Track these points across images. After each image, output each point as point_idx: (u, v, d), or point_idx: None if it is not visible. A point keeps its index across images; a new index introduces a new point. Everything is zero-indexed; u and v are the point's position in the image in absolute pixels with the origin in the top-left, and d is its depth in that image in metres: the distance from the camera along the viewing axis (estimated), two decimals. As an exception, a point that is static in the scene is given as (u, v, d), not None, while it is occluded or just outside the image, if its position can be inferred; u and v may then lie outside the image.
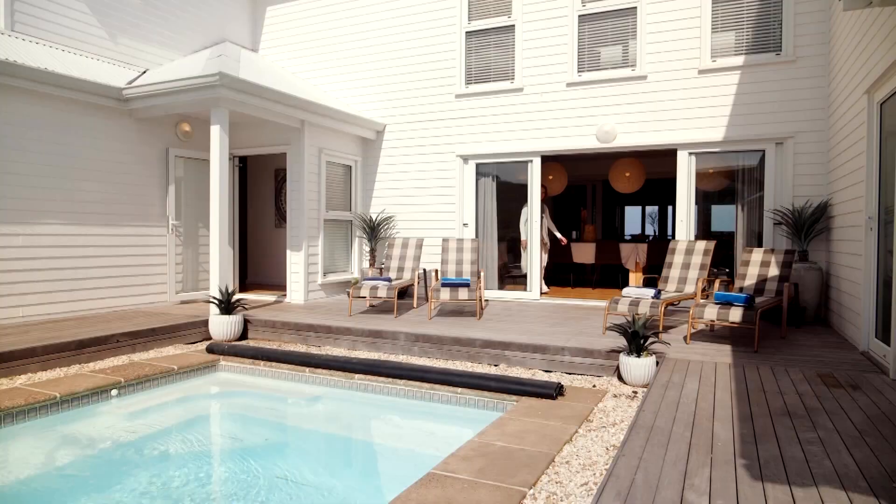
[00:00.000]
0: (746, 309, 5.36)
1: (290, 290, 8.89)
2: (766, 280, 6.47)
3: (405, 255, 8.84)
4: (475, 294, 7.16)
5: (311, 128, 8.80)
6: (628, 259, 9.96)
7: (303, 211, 8.74)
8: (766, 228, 7.57)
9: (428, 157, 9.53)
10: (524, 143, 8.86)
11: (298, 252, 8.78)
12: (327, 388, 5.49)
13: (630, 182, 10.26)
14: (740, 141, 7.65)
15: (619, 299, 6.14)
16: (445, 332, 6.25)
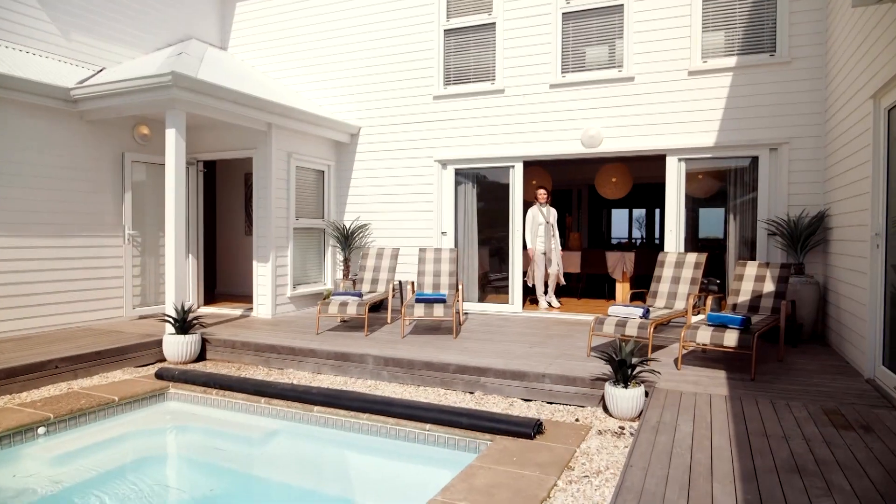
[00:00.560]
0: (742, 332, 4.92)
1: (257, 304, 8.36)
2: (762, 296, 6.05)
3: (380, 265, 8.34)
4: (451, 311, 6.68)
5: (278, 131, 8.27)
6: (615, 269, 9.53)
7: (270, 219, 8.21)
8: (760, 239, 7.16)
9: (405, 162, 9.03)
10: (505, 147, 8.38)
11: (265, 263, 8.25)
12: (284, 423, 4.97)
13: (617, 188, 9.83)
14: (732, 146, 7.23)
15: (604, 319, 5.68)
16: (417, 356, 5.76)
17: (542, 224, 8.53)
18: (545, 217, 8.56)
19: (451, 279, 8.03)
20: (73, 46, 7.95)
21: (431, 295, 6.91)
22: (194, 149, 8.74)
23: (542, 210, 8.57)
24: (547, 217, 8.58)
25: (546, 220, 8.56)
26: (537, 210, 8.59)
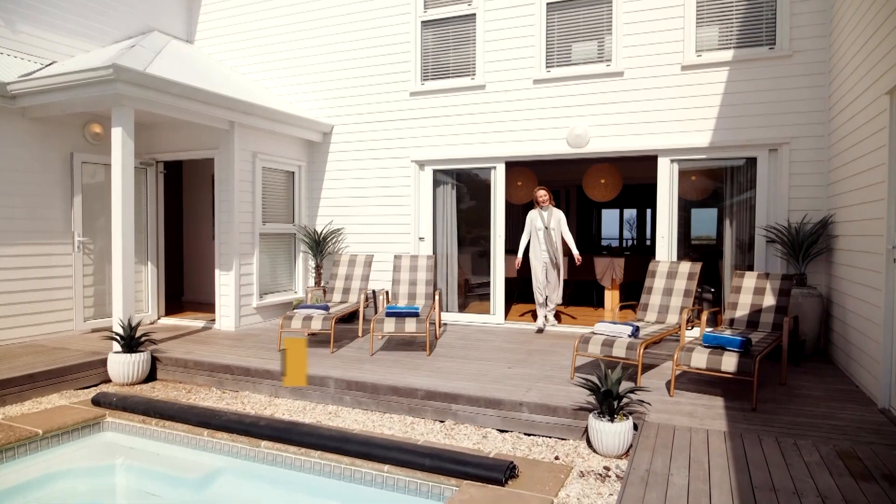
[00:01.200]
0: (742, 356, 4.40)
1: (220, 316, 7.77)
2: (761, 311, 5.53)
3: (352, 274, 7.77)
4: (424, 325, 6.13)
5: (242, 129, 7.68)
6: (604, 275, 9.01)
7: (233, 224, 7.62)
8: (758, 246, 6.65)
9: (380, 163, 8.46)
10: (486, 147, 7.83)
11: (228, 272, 7.66)
12: (229, 459, 4.41)
13: (606, 189, 9.31)
14: (728, 147, 6.71)
15: (589, 338, 5.15)
16: (383, 378, 5.21)
17: (540, 230, 7.35)
18: (544, 222, 7.36)
19: (427, 288, 7.48)
20: (20, 38, 7.33)
21: (403, 308, 6.36)
22: (153, 149, 8.14)
23: (543, 214, 7.38)
24: (546, 222, 7.36)
25: (545, 224, 7.37)
26: (537, 214, 7.44)
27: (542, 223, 7.37)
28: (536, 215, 7.44)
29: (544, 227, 7.34)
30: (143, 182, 8.06)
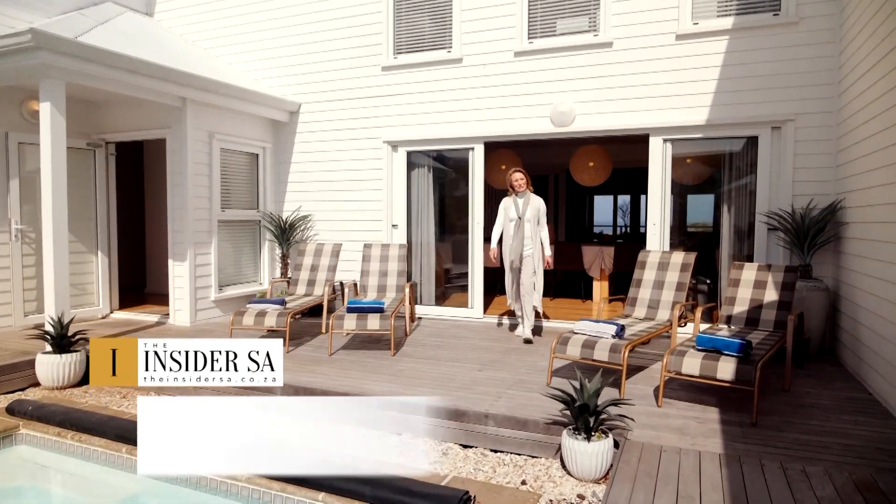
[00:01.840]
0: (741, 361, 3.81)
1: (174, 310, 7.16)
2: (762, 307, 4.94)
3: (318, 264, 7.17)
4: (389, 322, 5.52)
5: (196, 107, 7.02)
6: (592, 265, 8.41)
7: (187, 210, 6.99)
8: (759, 235, 6.05)
9: (350, 144, 7.82)
10: (464, 126, 7.19)
11: (182, 262, 7.04)
12: (148, 483, 3.81)
13: (594, 173, 8.68)
14: (727, 125, 6.09)
15: (568, 338, 4.55)
16: (336, 384, 4.63)
17: (512, 221, 6.04)
18: (518, 211, 6.03)
19: (399, 280, 6.89)
20: (-49, 6, 6.64)
21: (367, 303, 5.76)
22: (102, 128, 7.48)
23: (518, 201, 6.10)
24: (521, 211, 6.02)
25: (519, 214, 6.04)
26: (510, 202, 6.14)
27: (516, 212, 6.04)
28: (510, 203, 6.12)
29: (517, 218, 6.00)
30: (90, 164, 7.41)
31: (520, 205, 6.06)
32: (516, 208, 6.06)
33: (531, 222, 5.99)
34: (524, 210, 6.02)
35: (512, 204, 6.11)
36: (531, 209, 6.02)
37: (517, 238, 5.99)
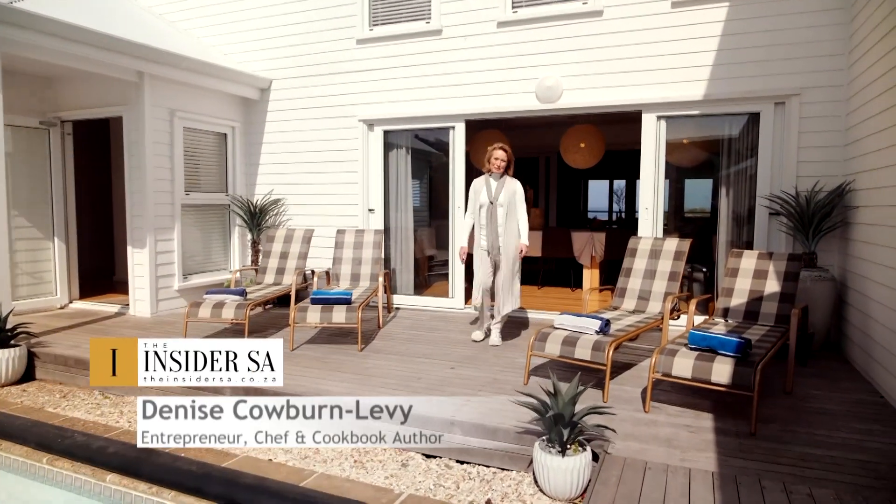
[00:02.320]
0: (739, 362, 3.36)
1: (135, 300, 6.71)
2: (763, 299, 4.49)
3: (288, 251, 6.71)
4: (356, 315, 5.07)
5: (155, 82, 6.50)
6: (582, 252, 7.95)
7: (146, 194, 6.51)
8: (759, 220, 5.59)
9: (324, 123, 7.32)
10: (443, 103, 6.69)
11: (142, 249, 6.57)
12: (69, 497, 3.38)
13: (586, 155, 8.19)
14: (727, 100, 5.60)
15: (548, 334, 4.10)
16: (291, 385, 4.17)
17: (484, 206, 5.19)
18: (490, 195, 5.15)
19: (373, 268, 6.44)
20: None
21: (333, 294, 5.30)
22: (57, 106, 6.97)
23: (491, 183, 5.23)
24: (493, 195, 5.14)
25: (490, 198, 5.16)
26: (482, 183, 5.25)
27: (487, 195, 5.18)
28: (481, 185, 5.24)
29: (489, 202, 5.16)
30: (44, 145, 6.91)
31: (493, 187, 5.18)
32: (488, 191, 5.17)
33: (505, 207, 5.12)
34: (497, 193, 5.14)
35: (483, 186, 5.22)
36: (506, 192, 5.13)
37: (490, 227, 5.13)
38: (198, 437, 2.79)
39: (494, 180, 5.21)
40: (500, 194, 5.15)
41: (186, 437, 2.78)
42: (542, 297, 7.69)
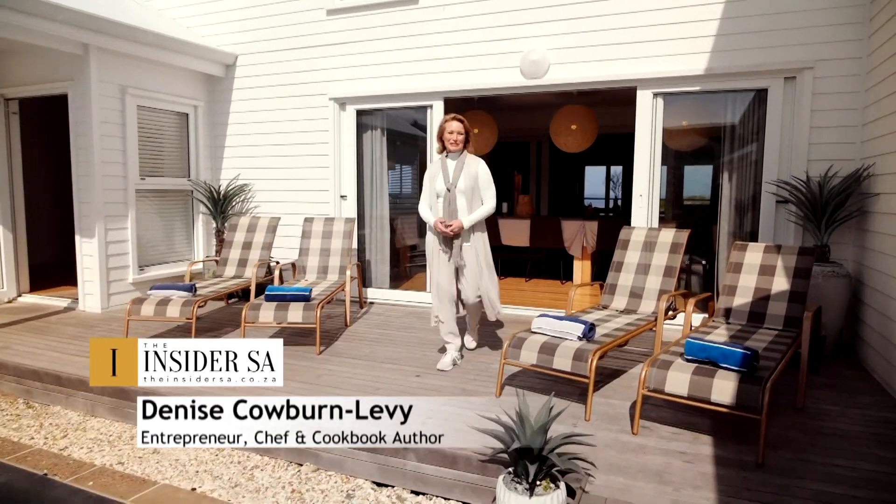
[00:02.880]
0: (744, 378, 2.83)
1: (84, 294, 6.17)
2: (770, 298, 3.96)
3: (251, 241, 6.18)
4: (315, 313, 4.54)
5: (103, 56, 5.92)
6: (573, 242, 7.41)
7: (94, 178, 5.95)
8: (766, 208, 5.04)
9: (293, 101, 6.74)
10: (421, 79, 6.12)
11: (91, 239, 6.03)
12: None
13: (578, 137, 7.62)
14: (731, 74, 5.02)
15: (523, 339, 3.56)
16: (233, 393, 3.65)
17: (440, 193, 4.13)
18: (447, 180, 4.09)
19: (343, 260, 5.91)
20: None
21: (290, 290, 4.76)
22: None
23: (448, 164, 4.14)
24: (450, 180, 4.07)
25: (448, 184, 4.08)
26: (438, 166, 4.18)
27: (444, 181, 4.09)
28: (437, 169, 4.16)
29: (445, 189, 4.08)
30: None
31: (450, 170, 4.11)
32: (445, 175, 4.11)
33: (467, 194, 4.07)
34: (455, 177, 4.07)
35: (440, 170, 4.15)
36: (466, 176, 4.06)
37: (447, 216, 4.07)
38: (198, 437, 2.69)
39: (452, 160, 4.16)
40: (460, 178, 4.08)
41: (186, 437, 2.68)
42: (530, 292, 7.16)
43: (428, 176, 4.26)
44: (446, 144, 4.14)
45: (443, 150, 4.19)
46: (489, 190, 4.12)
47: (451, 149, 4.14)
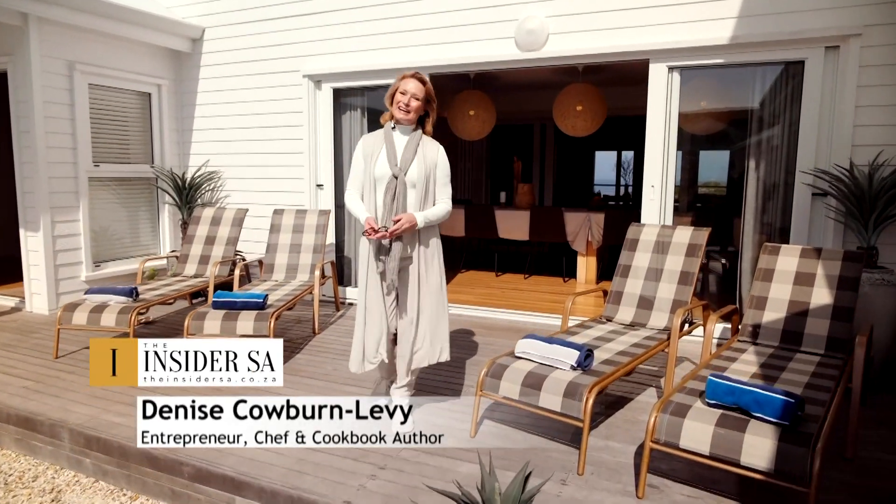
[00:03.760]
0: (786, 436, 2.14)
1: (31, 293, 5.59)
2: (808, 314, 3.25)
3: (214, 236, 5.56)
4: (268, 324, 3.89)
5: (46, 28, 5.26)
6: (576, 236, 6.70)
7: (38, 165, 5.31)
8: (800, 202, 4.30)
9: (264, 80, 6.06)
10: (404, 53, 5.41)
11: (36, 233, 5.41)
12: None
13: (585, 119, 6.86)
14: (760, 44, 4.27)
15: (504, 367, 2.88)
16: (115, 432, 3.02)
17: (383, 179, 2.91)
18: (393, 162, 2.90)
19: (315, 258, 5.27)
20: None
21: (240, 296, 4.11)
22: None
23: (395, 141, 2.96)
24: (398, 163, 2.89)
25: (395, 169, 2.88)
26: (380, 141, 2.97)
27: (388, 163, 2.90)
28: (378, 144, 2.97)
29: (391, 175, 2.89)
30: (-78, 104, 5.72)
31: (398, 148, 2.94)
32: (390, 154, 2.91)
33: (419, 188, 2.91)
34: (406, 160, 2.90)
35: (382, 145, 2.95)
36: (421, 162, 2.92)
37: (391, 219, 2.86)
38: (198, 437, 2.63)
39: (403, 135, 2.98)
40: (413, 163, 2.90)
41: (186, 437, 2.63)
42: (528, 291, 6.46)
43: (362, 152, 2.98)
44: (395, 112, 2.94)
45: (390, 119, 3.01)
46: (448, 188, 3.02)
47: (401, 118, 2.93)
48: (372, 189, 2.93)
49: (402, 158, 2.90)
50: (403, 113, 2.91)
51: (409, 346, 3.00)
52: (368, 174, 2.93)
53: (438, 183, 2.99)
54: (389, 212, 2.87)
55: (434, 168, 2.96)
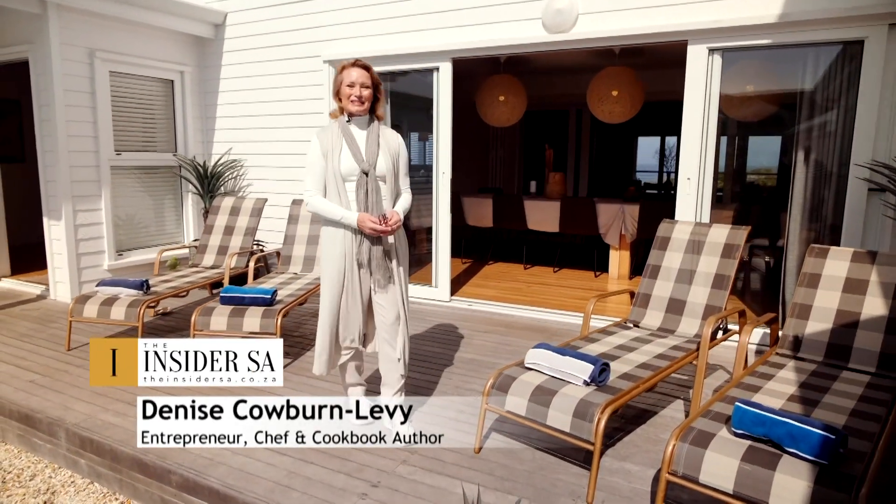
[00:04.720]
0: (824, 478, 1.85)
1: (55, 282, 5.62)
2: (858, 326, 2.91)
3: (233, 226, 5.46)
4: (275, 321, 3.75)
5: (66, 15, 5.22)
6: (609, 229, 6.37)
7: (59, 153, 5.30)
8: (853, 198, 3.91)
9: (285, 65, 5.92)
10: (425, 36, 5.16)
11: (58, 221, 5.42)
12: None
13: (621, 105, 6.48)
14: (812, 22, 3.86)
15: (512, 379, 2.65)
16: (125, 431, 2.92)
17: (352, 177, 2.72)
18: (359, 158, 2.71)
19: (332, 251, 5.06)
20: None
21: (249, 292, 3.98)
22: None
23: (355, 135, 2.76)
24: (364, 158, 2.71)
25: (363, 165, 2.70)
26: (338, 136, 2.75)
27: (356, 160, 2.71)
28: (338, 140, 2.74)
29: (360, 171, 2.71)
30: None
31: (360, 143, 2.75)
32: (353, 150, 2.72)
33: (388, 181, 2.80)
34: (372, 154, 2.74)
35: (342, 142, 2.74)
36: (386, 153, 2.78)
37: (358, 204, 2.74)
38: (198, 437, 2.61)
39: (359, 129, 2.78)
40: (379, 158, 2.75)
41: (186, 437, 2.60)
42: (555, 287, 6.18)
43: (319, 150, 2.75)
44: (348, 106, 2.74)
45: (342, 114, 2.82)
46: (408, 177, 2.95)
47: (355, 111, 2.73)
48: (339, 187, 2.73)
49: (368, 153, 2.74)
50: (357, 105, 2.72)
51: (399, 347, 2.88)
52: (333, 172, 2.72)
53: (400, 173, 2.89)
54: (366, 209, 2.73)
55: (398, 155, 2.85)
